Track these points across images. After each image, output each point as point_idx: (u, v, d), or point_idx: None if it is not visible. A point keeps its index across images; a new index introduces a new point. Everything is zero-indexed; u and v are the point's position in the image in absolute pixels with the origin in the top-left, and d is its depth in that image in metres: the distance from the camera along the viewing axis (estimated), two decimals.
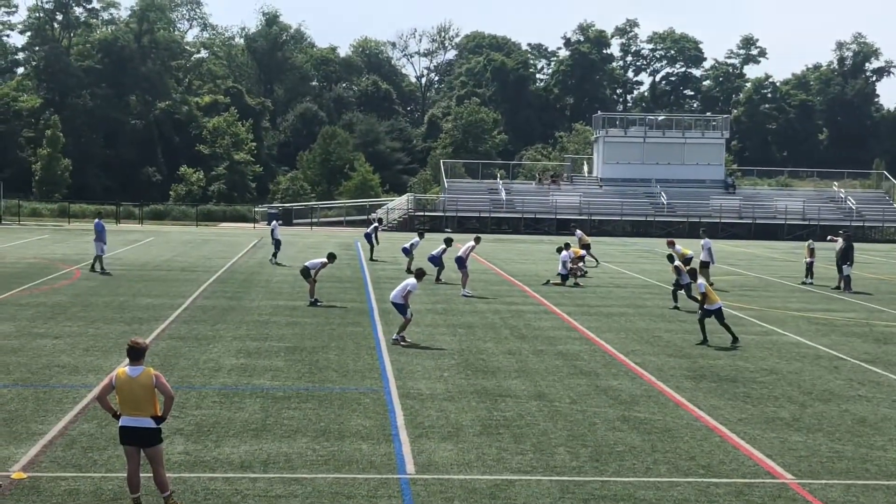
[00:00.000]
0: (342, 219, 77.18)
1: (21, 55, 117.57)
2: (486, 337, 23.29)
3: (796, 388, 18.67)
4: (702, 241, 36.60)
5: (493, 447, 14.07)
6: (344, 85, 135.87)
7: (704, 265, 34.58)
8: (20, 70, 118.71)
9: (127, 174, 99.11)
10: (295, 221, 75.10)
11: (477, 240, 35.48)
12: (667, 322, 26.59)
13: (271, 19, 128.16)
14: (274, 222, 43.78)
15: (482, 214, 73.83)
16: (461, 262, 32.84)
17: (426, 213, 74.52)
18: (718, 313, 22.69)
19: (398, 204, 77.15)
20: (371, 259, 42.88)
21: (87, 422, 14.70)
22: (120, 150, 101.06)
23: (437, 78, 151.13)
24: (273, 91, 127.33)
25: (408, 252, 37.92)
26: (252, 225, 72.22)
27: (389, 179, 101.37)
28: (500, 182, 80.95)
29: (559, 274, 34.99)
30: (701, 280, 23.47)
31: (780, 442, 14.84)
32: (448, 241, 36.00)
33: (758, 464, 13.74)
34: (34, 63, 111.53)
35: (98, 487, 11.87)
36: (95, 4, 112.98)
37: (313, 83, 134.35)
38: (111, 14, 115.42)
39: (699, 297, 23.31)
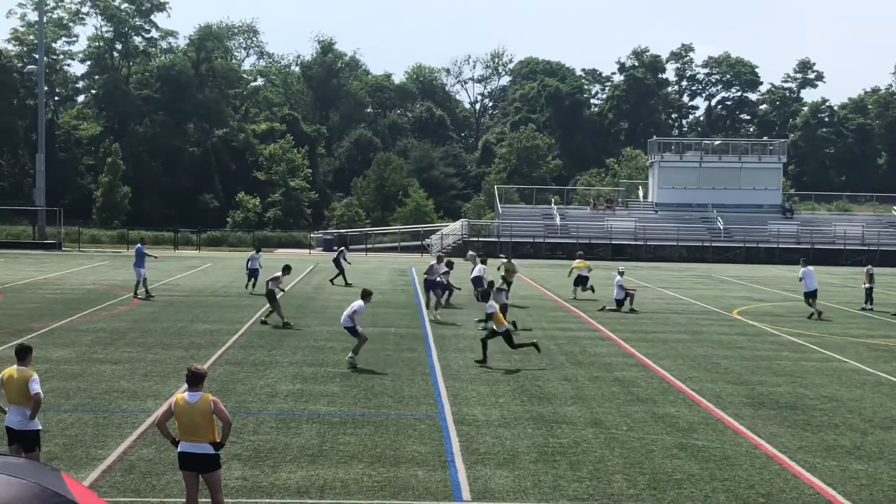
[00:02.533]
0: (397, 245, 77.42)
1: (81, 84, 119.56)
2: (542, 363, 23.20)
3: (857, 415, 18.39)
4: (801, 270, 35.34)
5: (549, 474, 14.00)
6: (398, 111, 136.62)
7: (811, 294, 34.10)
8: (81, 98, 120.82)
9: (185, 201, 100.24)
10: (350, 248, 75.48)
11: (449, 264, 34.43)
12: (724, 349, 26.32)
13: (326, 47, 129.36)
14: (342, 248, 44.63)
15: (536, 240, 73.68)
16: (438, 285, 32.58)
17: (480, 239, 74.53)
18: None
19: (452, 230, 77.23)
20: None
21: (146, 447, 14.84)
22: (178, 176, 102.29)
23: (490, 104, 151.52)
24: (328, 118, 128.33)
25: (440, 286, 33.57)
26: (308, 251, 72.64)
27: (444, 205, 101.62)
28: (555, 207, 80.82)
29: (615, 299, 34.81)
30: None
31: (840, 470, 14.62)
32: (482, 260, 36.35)
33: (818, 492, 13.54)
34: (94, 91, 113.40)
35: None
36: (154, 34, 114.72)
37: (368, 110, 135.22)
38: (169, 43, 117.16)
39: None
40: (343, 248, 46.82)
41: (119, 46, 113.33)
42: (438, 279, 32.83)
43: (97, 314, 30.58)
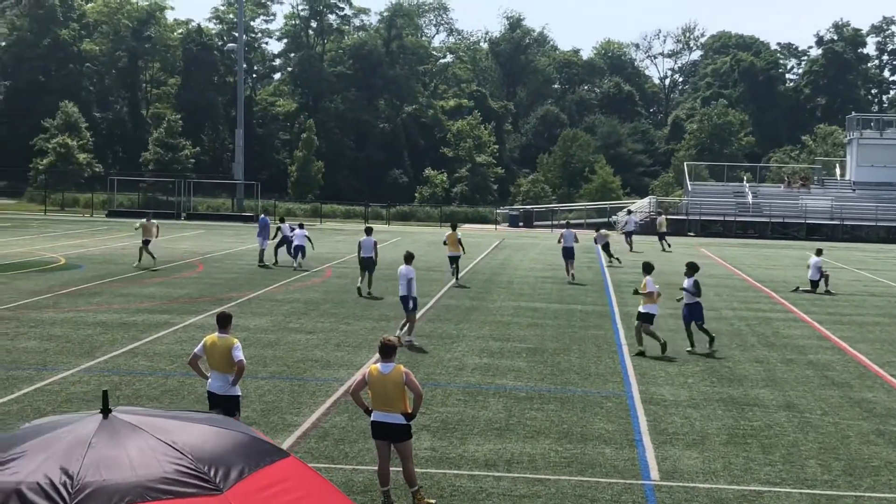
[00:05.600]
0: (583, 221, 76.97)
1: (278, 61, 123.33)
2: (732, 344, 22.74)
3: None
4: None
5: (740, 457, 13.74)
6: (586, 87, 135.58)
7: None
8: (277, 76, 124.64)
9: (375, 176, 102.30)
10: (535, 223, 75.47)
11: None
12: None
13: (515, 23, 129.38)
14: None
15: (727, 218, 71.98)
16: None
17: (669, 217, 73.36)
18: None
19: (640, 207, 76.26)
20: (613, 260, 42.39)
21: (339, 415, 15.28)
22: (369, 152, 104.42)
23: (681, 79, 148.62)
24: (515, 94, 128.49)
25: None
26: (493, 227, 73.03)
27: (631, 182, 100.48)
28: (747, 185, 78.76)
29: (810, 280, 33.76)
30: None
31: None
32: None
33: None
34: (290, 69, 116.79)
35: (349, 479, 12.32)
36: (348, 11, 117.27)
37: (555, 86, 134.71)
38: (362, 20, 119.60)
39: None
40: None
41: (314, 24, 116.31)
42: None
43: (292, 285, 31.57)
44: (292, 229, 37.90)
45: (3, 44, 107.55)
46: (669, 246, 51.81)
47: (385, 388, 11.33)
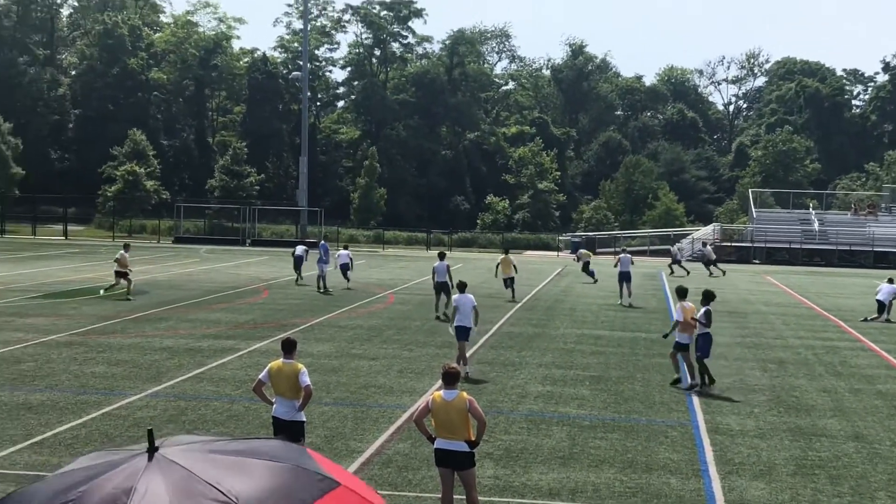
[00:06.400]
0: (646, 248, 76.52)
1: (341, 89, 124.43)
2: (799, 373, 22.44)
3: None
4: None
5: (807, 488, 13.54)
6: (649, 113, 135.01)
7: None
8: (340, 103, 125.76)
9: (437, 202, 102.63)
10: (598, 250, 75.17)
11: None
12: None
13: (577, 50, 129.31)
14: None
15: (792, 245, 71.14)
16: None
17: (733, 244, 72.70)
18: None
19: (704, 234, 75.66)
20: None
21: (403, 441, 15.30)
22: (431, 179, 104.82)
23: (745, 105, 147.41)
24: (578, 121, 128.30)
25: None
26: (556, 253, 72.83)
27: (694, 209, 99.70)
28: (813, 212, 77.79)
29: (885, 305, 33.21)
30: None
31: None
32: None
33: None
34: (353, 97, 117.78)
35: None
36: (411, 40, 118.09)
37: (618, 112, 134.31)
38: (424, 48, 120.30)
39: None
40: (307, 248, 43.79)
41: (377, 52, 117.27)
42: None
43: (355, 311, 31.72)
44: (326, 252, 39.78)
45: (74, 73, 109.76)
46: (724, 273, 51.65)
47: (448, 416, 11.33)
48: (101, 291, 34.40)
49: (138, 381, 19.30)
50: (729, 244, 72.48)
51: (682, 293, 21.54)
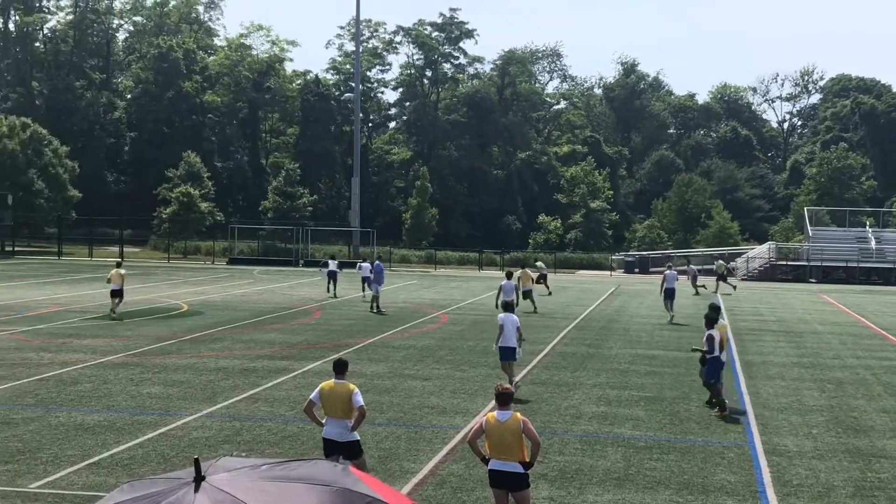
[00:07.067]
0: (700, 267, 75.88)
1: (393, 110, 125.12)
2: (858, 394, 22.10)
3: None
4: None
5: None
6: (702, 131, 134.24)
7: None
8: (392, 124, 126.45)
9: (488, 222, 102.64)
10: (651, 270, 74.71)
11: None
12: None
13: (629, 68, 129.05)
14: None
15: (849, 264, 70.24)
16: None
17: (788, 263, 71.95)
18: None
19: (759, 252, 74.94)
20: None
21: (456, 462, 15.24)
22: (482, 199, 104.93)
23: (800, 122, 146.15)
24: (630, 139, 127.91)
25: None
26: (608, 273, 72.48)
27: (749, 227, 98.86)
28: (869, 230, 76.78)
29: None
30: None
31: None
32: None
33: None
34: (405, 117, 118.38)
35: None
36: (462, 60, 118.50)
37: (670, 130, 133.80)
38: (476, 68, 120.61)
39: None
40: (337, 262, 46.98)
41: (429, 73, 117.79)
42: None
43: (408, 331, 31.76)
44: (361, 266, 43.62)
45: (129, 96, 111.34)
46: (735, 288, 51.70)
47: (502, 436, 11.27)
48: (112, 314, 33.78)
49: (194, 402, 19.43)
50: (784, 263, 71.75)
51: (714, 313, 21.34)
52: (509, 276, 32.41)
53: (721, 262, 57.20)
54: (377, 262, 40.23)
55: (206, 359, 24.85)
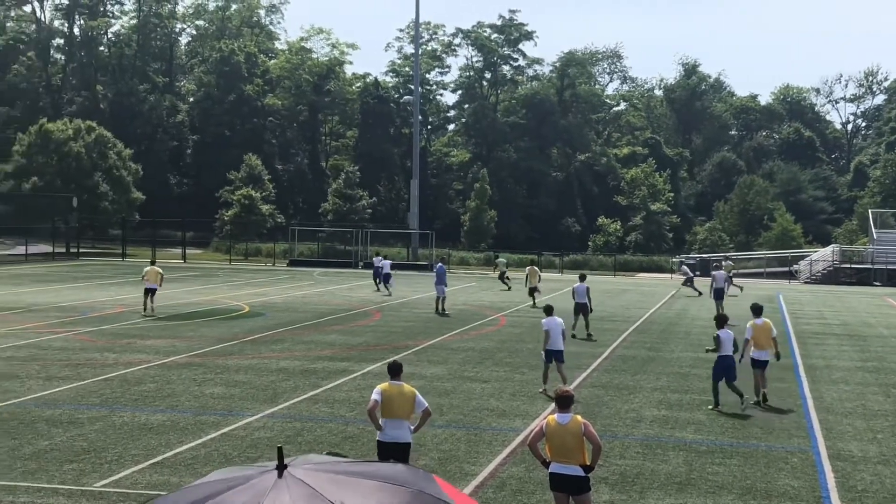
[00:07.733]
0: (762, 270, 75.08)
1: (452, 112, 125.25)
2: None
3: None
4: None
5: None
6: (764, 133, 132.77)
7: None
8: (451, 126, 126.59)
9: (548, 224, 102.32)
10: (712, 273, 73.94)
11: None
12: None
13: (690, 70, 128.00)
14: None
15: None
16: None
17: (853, 266, 70.90)
18: None
19: (822, 255, 73.91)
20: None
21: (516, 465, 15.23)
22: (541, 201, 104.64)
23: (864, 124, 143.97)
24: (691, 141, 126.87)
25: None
26: (669, 276, 71.91)
27: (812, 230, 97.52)
28: None
29: None
30: None
31: None
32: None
33: None
34: (464, 119, 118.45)
35: None
36: (521, 62, 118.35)
37: (732, 132, 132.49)
38: (535, 70, 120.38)
39: None
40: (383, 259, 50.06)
41: (488, 75, 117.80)
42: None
43: (467, 333, 31.78)
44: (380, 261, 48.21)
45: (192, 100, 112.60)
46: (741, 289, 50.55)
47: (563, 440, 11.25)
48: (151, 312, 34.93)
49: (255, 402, 19.61)
50: (849, 266, 70.72)
51: (756, 310, 21.26)
52: (582, 278, 32.60)
53: (729, 262, 56.35)
54: (440, 264, 40.52)
55: (267, 360, 25.07)
